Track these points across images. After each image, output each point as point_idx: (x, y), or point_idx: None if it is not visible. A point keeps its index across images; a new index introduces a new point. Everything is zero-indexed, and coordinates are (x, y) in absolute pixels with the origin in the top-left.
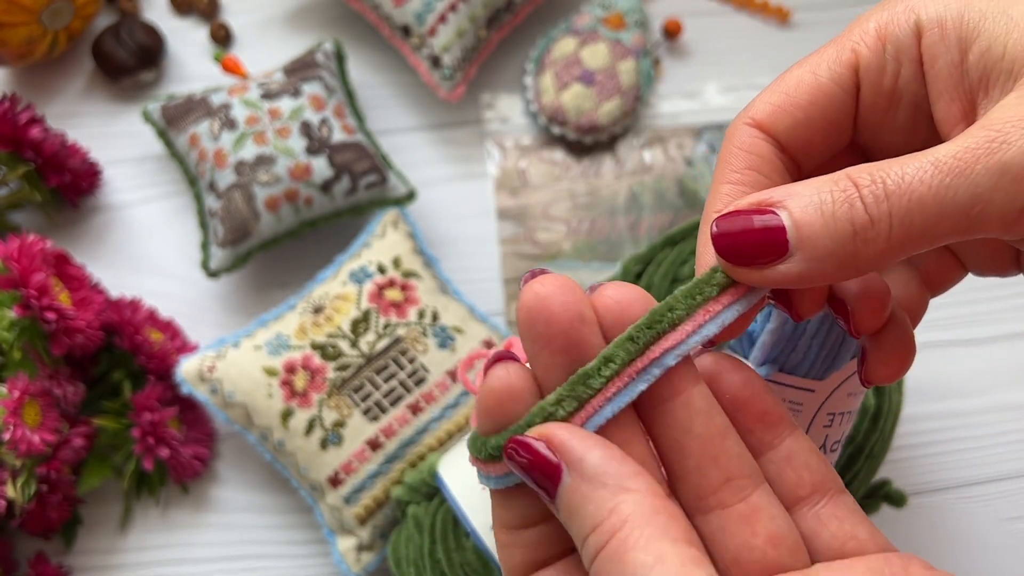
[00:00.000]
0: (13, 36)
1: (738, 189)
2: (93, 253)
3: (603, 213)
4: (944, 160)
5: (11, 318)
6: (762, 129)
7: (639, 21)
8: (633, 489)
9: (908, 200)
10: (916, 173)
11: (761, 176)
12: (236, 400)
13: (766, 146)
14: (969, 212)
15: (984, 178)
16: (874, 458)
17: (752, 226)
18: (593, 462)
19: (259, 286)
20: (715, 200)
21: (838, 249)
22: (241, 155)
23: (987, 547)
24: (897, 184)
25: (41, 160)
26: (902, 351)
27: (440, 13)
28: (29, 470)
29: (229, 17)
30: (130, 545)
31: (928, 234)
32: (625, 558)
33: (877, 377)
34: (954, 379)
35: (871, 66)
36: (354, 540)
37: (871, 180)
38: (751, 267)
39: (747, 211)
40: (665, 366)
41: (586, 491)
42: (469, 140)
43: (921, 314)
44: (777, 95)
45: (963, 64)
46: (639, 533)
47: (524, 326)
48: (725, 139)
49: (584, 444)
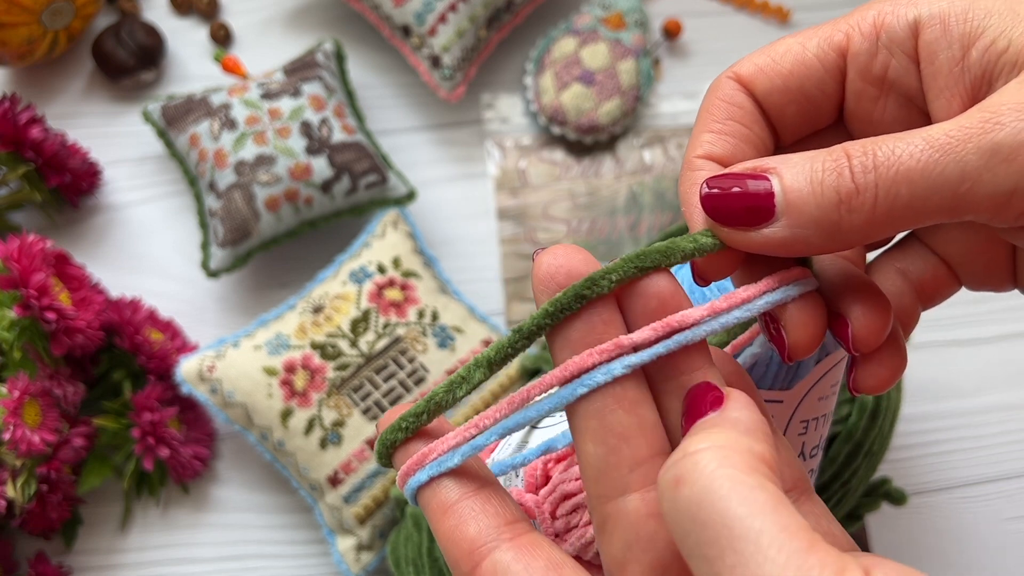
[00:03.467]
0: (13, 36)
1: (719, 137)
2: (93, 253)
3: (603, 213)
4: (936, 136)
5: (11, 318)
6: (743, 84)
7: (639, 21)
8: (743, 426)
9: (896, 172)
10: (907, 147)
11: (741, 126)
12: (236, 400)
13: (747, 100)
14: (957, 190)
15: (974, 157)
16: (873, 455)
17: (743, 188)
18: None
19: (259, 286)
20: (695, 146)
21: (822, 216)
22: (241, 155)
23: (987, 547)
24: (887, 156)
25: (41, 160)
26: (893, 361)
27: (440, 13)
28: (29, 470)
29: (229, 17)
30: (130, 545)
31: (914, 209)
32: (720, 471)
33: (867, 387)
34: (954, 379)
35: (860, 51)
36: (354, 540)
37: (863, 152)
38: (736, 227)
39: (740, 174)
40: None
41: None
42: (469, 140)
43: (913, 325)
44: (763, 57)
45: (964, 60)
46: (739, 457)
47: (545, 279)
48: (708, 92)
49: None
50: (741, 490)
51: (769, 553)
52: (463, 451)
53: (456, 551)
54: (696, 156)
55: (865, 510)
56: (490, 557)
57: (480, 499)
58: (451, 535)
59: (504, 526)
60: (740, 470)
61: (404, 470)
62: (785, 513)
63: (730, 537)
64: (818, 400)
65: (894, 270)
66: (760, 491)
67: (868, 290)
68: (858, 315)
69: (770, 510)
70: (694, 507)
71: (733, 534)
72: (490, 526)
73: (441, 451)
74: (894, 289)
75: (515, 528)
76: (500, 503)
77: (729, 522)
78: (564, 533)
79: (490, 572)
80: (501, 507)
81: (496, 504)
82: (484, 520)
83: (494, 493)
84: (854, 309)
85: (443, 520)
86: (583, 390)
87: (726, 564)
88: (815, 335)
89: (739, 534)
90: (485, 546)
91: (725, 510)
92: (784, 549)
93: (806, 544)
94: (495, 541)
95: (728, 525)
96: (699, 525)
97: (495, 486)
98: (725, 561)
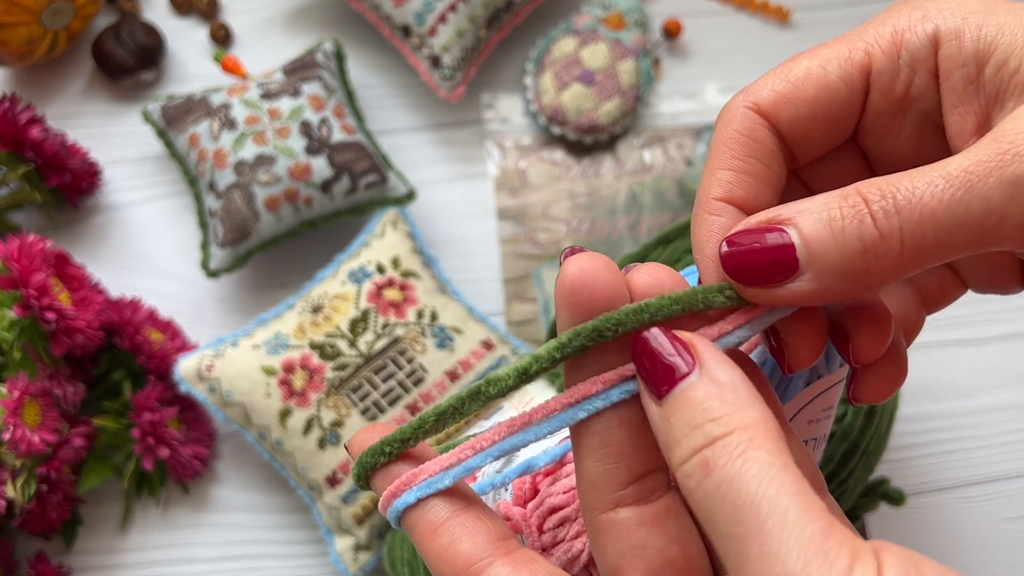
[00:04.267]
0: (13, 36)
1: (738, 176)
2: (93, 253)
3: (603, 213)
4: (955, 173)
5: (11, 318)
6: (763, 115)
7: (639, 21)
8: (762, 405)
9: (919, 215)
10: (927, 187)
11: (761, 164)
12: (234, 399)
13: (767, 133)
14: (983, 225)
15: (997, 191)
16: (870, 455)
17: (762, 245)
18: (728, 373)
19: (259, 286)
20: (713, 185)
21: (849, 266)
22: (241, 155)
23: (987, 547)
24: (908, 199)
25: (41, 160)
26: (895, 371)
27: (440, 13)
28: (29, 470)
29: (229, 17)
30: (130, 545)
31: (941, 248)
32: (749, 454)
33: (867, 397)
34: (954, 379)
35: (884, 71)
36: (351, 540)
37: (881, 195)
38: (761, 287)
39: (756, 230)
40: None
41: (715, 391)
42: (469, 140)
43: (916, 332)
44: (783, 83)
45: (979, 78)
46: (765, 437)
47: (567, 297)
48: (721, 120)
49: (720, 357)
50: (770, 472)
51: (793, 531)
52: (455, 472)
53: (449, 569)
54: (714, 198)
55: (863, 510)
56: (486, 572)
57: (471, 516)
58: (443, 554)
59: (497, 541)
60: (767, 451)
61: (391, 491)
62: (808, 495)
63: (757, 516)
64: (808, 424)
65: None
66: (786, 472)
67: (869, 303)
68: (859, 328)
69: (796, 492)
70: (724, 488)
71: (760, 512)
72: (484, 542)
73: (432, 472)
74: (899, 296)
75: (507, 544)
76: (490, 520)
77: (757, 501)
78: (551, 547)
79: None
80: (492, 524)
81: (487, 521)
82: (478, 536)
83: (483, 511)
84: (855, 322)
85: (433, 539)
86: (583, 415)
87: (753, 542)
88: (815, 348)
89: (766, 512)
90: (481, 562)
91: (755, 491)
92: (808, 528)
93: (826, 525)
94: (490, 557)
95: (756, 504)
96: (728, 504)
97: (481, 504)
98: (752, 539)
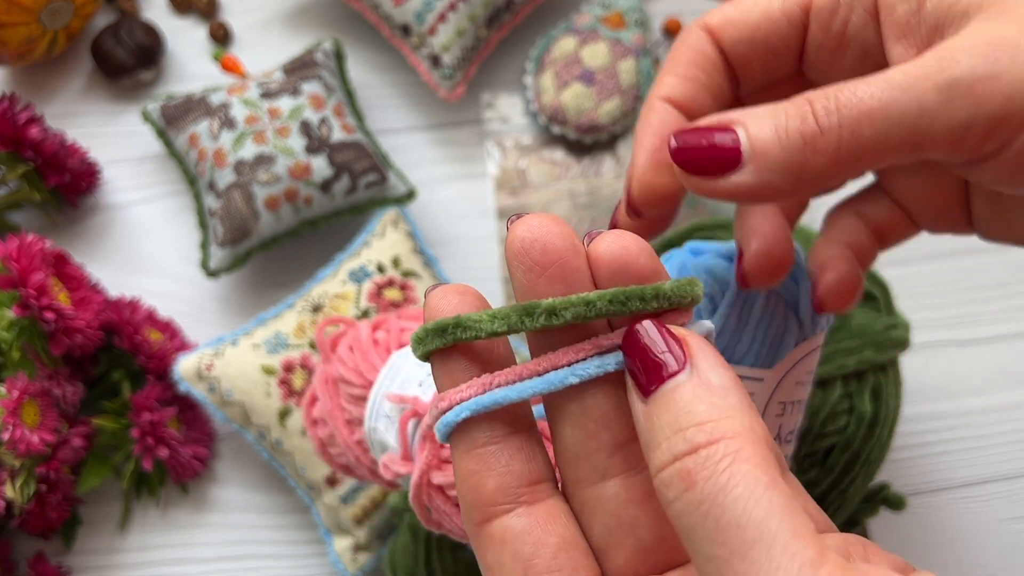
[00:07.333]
0: (13, 36)
1: (681, 82)
2: (93, 253)
3: (603, 213)
4: (895, 78)
5: (10, 318)
6: (711, 33)
7: (639, 20)
8: (752, 413)
9: (858, 111)
10: (868, 88)
11: (704, 74)
12: (234, 398)
13: (713, 50)
14: (916, 125)
15: (932, 93)
16: (871, 463)
17: (710, 141)
18: (720, 375)
19: (259, 286)
20: (657, 87)
21: (788, 159)
22: (241, 154)
23: (987, 547)
24: (848, 98)
25: (41, 160)
26: (851, 286)
27: (440, 12)
28: (28, 470)
29: (229, 17)
30: (130, 545)
31: (876, 146)
32: (735, 468)
33: (829, 305)
34: (954, 379)
35: (823, 8)
36: (350, 540)
37: (825, 96)
38: (705, 176)
39: (706, 128)
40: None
41: (703, 393)
42: (469, 140)
43: (871, 260)
44: (732, 9)
45: (920, 11)
46: (753, 450)
47: (519, 254)
48: (678, 39)
49: (715, 358)
50: (757, 490)
51: (782, 562)
52: (516, 391)
53: (471, 497)
54: (657, 97)
55: (864, 516)
56: (502, 519)
57: (508, 448)
58: (469, 479)
59: (524, 487)
60: (754, 465)
61: (447, 402)
62: (798, 517)
63: (742, 540)
64: (795, 384)
65: (853, 213)
66: (774, 490)
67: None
68: (828, 279)
69: (784, 513)
70: (706, 505)
71: (746, 537)
72: (511, 484)
73: (494, 384)
74: (852, 226)
75: (536, 491)
76: (529, 456)
77: (743, 523)
78: None
79: (498, 535)
80: (528, 462)
81: (523, 458)
82: (507, 477)
83: (525, 443)
84: (826, 275)
85: (465, 459)
86: (574, 380)
87: (736, 569)
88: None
89: (752, 537)
90: (501, 505)
91: (741, 512)
92: (797, 557)
93: (817, 552)
94: (512, 503)
95: (742, 526)
96: (711, 523)
97: (528, 433)
98: (734, 566)
